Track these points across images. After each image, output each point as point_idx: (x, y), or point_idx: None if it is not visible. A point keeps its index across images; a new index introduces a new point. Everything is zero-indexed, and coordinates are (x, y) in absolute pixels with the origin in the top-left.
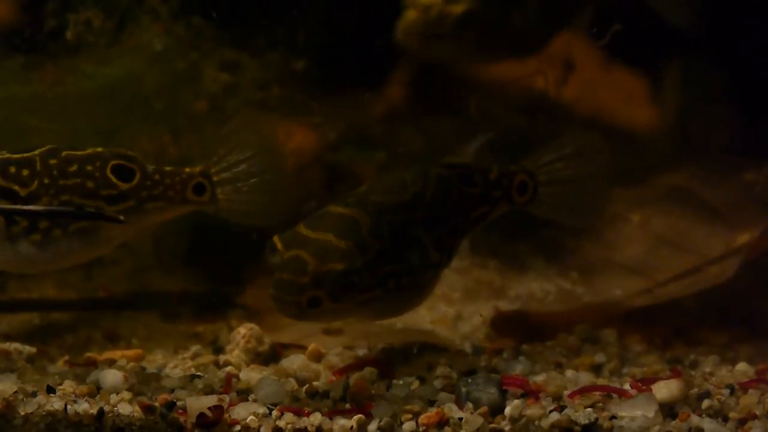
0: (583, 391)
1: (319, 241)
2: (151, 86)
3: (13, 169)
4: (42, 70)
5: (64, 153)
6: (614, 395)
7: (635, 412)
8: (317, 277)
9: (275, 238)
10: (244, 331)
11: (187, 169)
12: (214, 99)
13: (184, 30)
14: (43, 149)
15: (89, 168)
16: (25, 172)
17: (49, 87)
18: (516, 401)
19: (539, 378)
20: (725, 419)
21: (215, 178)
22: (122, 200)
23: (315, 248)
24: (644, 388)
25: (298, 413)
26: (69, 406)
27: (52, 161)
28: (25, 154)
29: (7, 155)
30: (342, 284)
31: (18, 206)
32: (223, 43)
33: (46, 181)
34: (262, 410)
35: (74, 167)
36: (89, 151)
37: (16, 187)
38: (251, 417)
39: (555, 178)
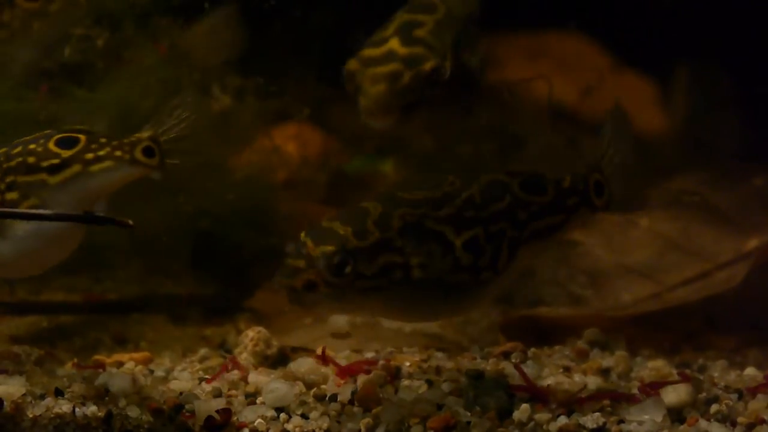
0: (591, 399)
1: (325, 229)
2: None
3: None
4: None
5: (14, 141)
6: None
7: (643, 416)
8: (311, 259)
9: (302, 233)
10: (252, 334)
11: (136, 135)
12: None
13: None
14: None
15: (32, 147)
16: None
17: (41, 107)
18: (524, 405)
19: (547, 382)
20: (733, 424)
21: (165, 146)
22: (66, 167)
23: (318, 234)
24: (652, 392)
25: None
26: (77, 409)
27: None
28: None
29: None
30: (332, 265)
31: (24, 210)
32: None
33: None
34: (270, 413)
35: (18, 149)
36: (37, 134)
37: None
38: (259, 420)
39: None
